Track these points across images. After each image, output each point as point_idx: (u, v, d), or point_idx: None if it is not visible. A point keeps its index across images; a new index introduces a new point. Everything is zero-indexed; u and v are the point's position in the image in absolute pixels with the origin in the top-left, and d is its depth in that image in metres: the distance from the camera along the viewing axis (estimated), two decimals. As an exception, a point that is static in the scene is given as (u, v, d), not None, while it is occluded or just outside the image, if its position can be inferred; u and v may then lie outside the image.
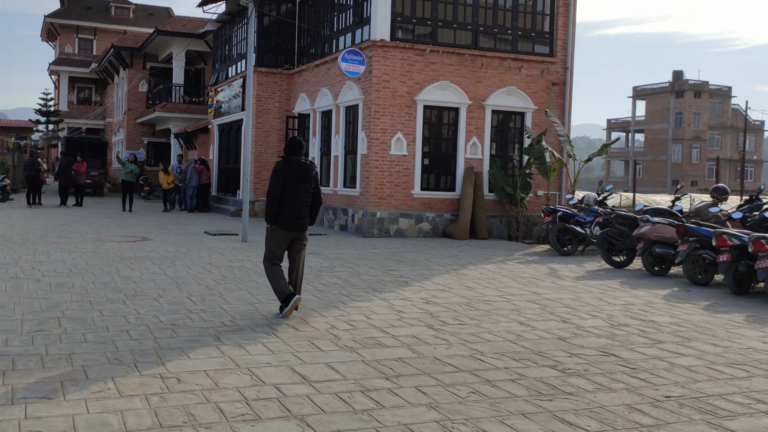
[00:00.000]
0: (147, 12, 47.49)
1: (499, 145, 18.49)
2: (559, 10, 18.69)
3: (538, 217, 18.46)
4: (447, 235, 17.51)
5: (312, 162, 7.89)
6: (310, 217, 7.66)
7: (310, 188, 7.56)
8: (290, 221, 7.45)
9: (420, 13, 17.35)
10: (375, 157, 16.90)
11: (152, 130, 34.52)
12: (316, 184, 7.67)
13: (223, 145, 25.11)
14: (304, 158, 7.58)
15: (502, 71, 18.13)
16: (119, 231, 16.42)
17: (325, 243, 15.30)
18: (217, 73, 26.00)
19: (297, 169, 7.41)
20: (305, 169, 7.48)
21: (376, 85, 16.82)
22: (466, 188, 17.50)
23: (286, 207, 7.39)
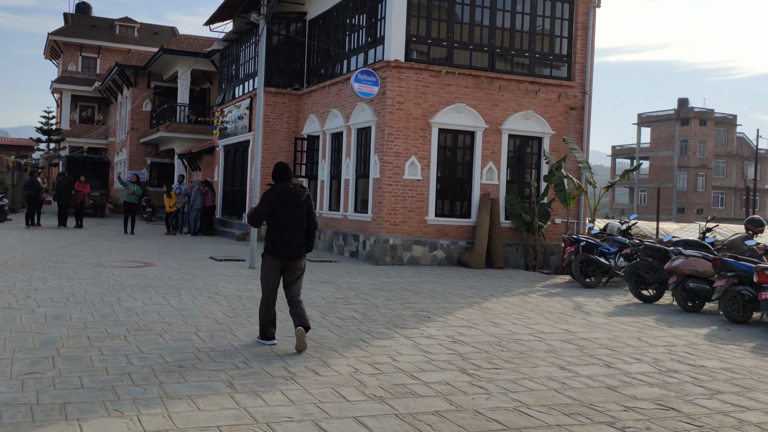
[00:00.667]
0: (152, 31, 47.18)
1: (516, 171, 17.86)
2: (578, 33, 18.17)
3: (556, 246, 17.78)
4: (462, 263, 16.80)
5: (302, 186, 7.48)
6: (306, 244, 7.41)
7: (302, 214, 7.32)
8: (282, 250, 7.24)
9: (435, 34, 16.82)
10: (388, 182, 16.26)
11: (155, 150, 33.95)
12: (309, 209, 7.40)
13: (228, 166, 24.49)
14: (292, 184, 7.35)
15: (519, 95, 17.56)
16: (121, 255, 15.72)
17: (336, 271, 14.59)
18: (223, 93, 25.47)
19: (284, 196, 7.20)
20: (294, 195, 7.25)
21: (389, 106, 16.23)
22: (482, 215, 16.83)
23: (277, 235, 7.21)
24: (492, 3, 17.29)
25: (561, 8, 18.13)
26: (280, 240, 7.21)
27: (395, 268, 15.57)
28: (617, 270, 14.10)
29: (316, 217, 7.56)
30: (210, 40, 30.52)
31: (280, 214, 7.18)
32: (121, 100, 37.36)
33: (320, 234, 19.45)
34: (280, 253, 7.23)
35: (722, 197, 76.99)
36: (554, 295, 12.59)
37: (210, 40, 30.52)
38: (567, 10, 18.17)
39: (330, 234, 18.85)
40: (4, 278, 11.37)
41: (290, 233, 7.23)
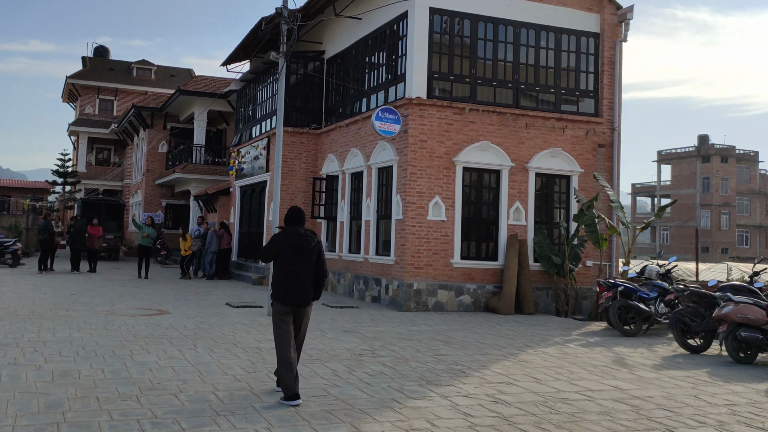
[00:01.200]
0: (169, 73, 47.37)
1: (543, 211, 17.17)
2: (604, 68, 17.64)
3: (588, 290, 17.00)
4: (490, 309, 16.03)
5: (313, 232, 7.32)
6: (314, 291, 7.18)
7: (312, 260, 7.11)
8: (289, 296, 7.03)
9: (458, 70, 16.34)
10: (411, 223, 15.62)
11: (171, 191, 33.61)
12: (319, 256, 7.19)
13: (244, 207, 23.99)
14: (303, 229, 7.22)
15: (545, 132, 16.97)
16: (134, 302, 15.10)
17: (359, 318, 13.88)
18: (240, 133, 25.12)
19: (295, 240, 7.07)
20: (304, 240, 7.09)
21: (412, 145, 15.68)
22: (510, 258, 16.11)
23: (284, 280, 7.03)
24: (515, 38, 16.84)
25: (586, 43, 17.64)
26: (287, 285, 7.01)
27: (420, 315, 14.83)
28: (658, 317, 13.30)
29: (326, 265, 7.30)
30: (226, 80, 30.36)
31: (288, 259, 7.01)
32: (137, 142, 37.23)
33: (339, 278, 18.78)
34: (288, 298, 7.02)
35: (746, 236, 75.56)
36: (593, 345, 11.79)
37: (226, 80, 30.36)
38: (592, 45, 17.68)
39: (350, 278, 18.17)
40: (12, 329, 10.76)
41: (298, 278, 7.02)
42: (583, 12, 17.58)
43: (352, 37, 19.14)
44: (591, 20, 17.66)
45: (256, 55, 22.22)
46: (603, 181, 16.73)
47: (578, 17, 17.51)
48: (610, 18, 17.67)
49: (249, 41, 21.74)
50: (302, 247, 7.04)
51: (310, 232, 7.21)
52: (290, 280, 7.00)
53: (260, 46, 20.52)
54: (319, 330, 11.92)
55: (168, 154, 33.23)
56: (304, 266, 7.03)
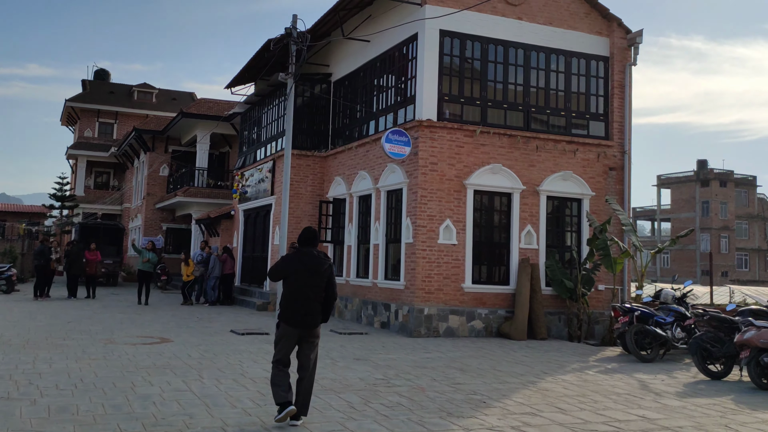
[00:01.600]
0: (170, 96, 47.18)
1: (555, 234, 16.82)
2: (614, 91, 17.40)
3: (600, 315, 16.60)
4: (502, 334, 15.60)
5: (325, 255, 7.26)
6: (322, 313, 7.10)
7: (322, 283, 7.04)
8: (298, 317, 6.95)
9: (468, 93, 16.08)
10: (422, 247, 15.24)
11: (172, 215, 33.21)
12: (329, 279, 7.11)
13: (248, 231, 23.59)
14: (316, 251, 7.15)
15: (556, 154, 16.68)
16: (135, 330, 14.64)
17: (369, 345, 13.43)
18: (243, 156, 24.81)
19: (307, 262, 7.00)
20: (316, 262, 7.02)
21: (422, 167, 15.36)
22: (522, 282, 15.72)
23: (293, 302, 6.96)
24: (525, 61, 16.61)
25: (596, 67, 17.42)
26: (295, 307, 6.94)
27: (432, 341, 14.39)
28: (675, 342, 12.90)
29: (336, 288, 7.22)
30: (229, 103, 30.15)
31: (299, 280, 6.94)
32: (138, 166, 36.90)
33: (347, 303, 18.35)
34: (296, 319, 6.94)
35: (746, 259, 75.26)
36: (612, 372, 11.35)
37: (229, 103, 30.15)
38: (602, 68, 17.46)
39: (358, 303, 17.73)
40: (5, 359, 10.30)
41: (307, 301, 6.95)
42: (593, 36, 17.38)
43: (359, 59, 18.91)
44: (601, 44, 17.46)
45: (261, 78, 22.01)
46: (615, 204, 16.40)
47: (588, 41, 17.31)
48: (619, 42, 17.48)
49: (254, 63, 21.53)
50: (314, 269, 6.96)
51: (323, 255, 7.13)
52: (299, 301, 6.91)
53: (266, 69, 20.32)
54: (329, 358, 11.48)
55: (169, 177, 32.88)
56: (314, 288, 6.95)
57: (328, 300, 7.09)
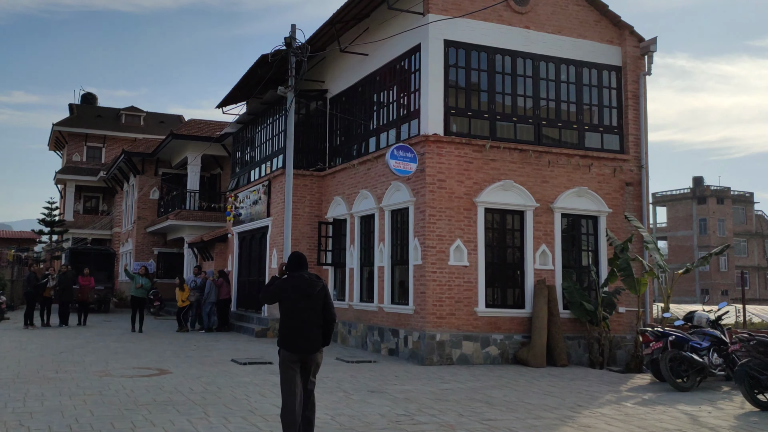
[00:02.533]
0: (158, 119, 46.34)
1: (570, 254, 16.04)
2: (628, 102, 16.75)
3: (621, 339, 15.78)
4: (519, 361, 14.74)
5: (318, 276, 7.10)
6: (323, 337, 6.92)
7: (318, 306, 6.89)
8: (297, 343, 6.79)
9: (475, 106, 15.37)
10: (432, 269, 14.41)
11: (163, 239, 32.20)
12: (325, 300, 6.95)
13: (243, 255, 22.69)
14: (307, 273, 7.00)
15: (570, 170, 15.96)
16: (130, 360, 13.68)
17: (381, 374, 12.54)
18: (237, 177, 23.94)
19: (299, 286, 6.86)
20: (308, 285, 6.88)
21: (430, 185, 14.58)
22: (539, 305, 14.90)
23: (291, 328, 6.81)
24: (535, 72, 15.95)
25: (609, 77, 16.79)
26: (294, 332, 6.80)
27: (446, 369, 13.51)
28: (712, 368, 12.09)
29: (333, 310, 7.05)
30: (220, 124, 29.34)
31: (294, 306, 6.81)
32: (127, 189, 35.91)
33: (350, 329, 17.45)
34: (297, 345, 6.78)
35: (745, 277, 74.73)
36: (652, 404, 10.51)
37: (220, 124, 29.34)
38: (614, 78, 16.83)
39: (363, 328, 16.84)
40: (-9, 399, 9.36)
41: (305, 325, 6.80)
42: (604, 45, 16.77)
43: (357, 73, 18.20)
44: (613, 53, 16.85)
45: (254, 96, 21.26)
46: (636, 221, 15.71)
47: (599, 50, 16.69)
48: (632, 51, 16.87)
49: (247, 81, 20.79)
50: (308, 293, 6.83)
51: (315, 277, 7.01)
52: (297, 327, 6.79)
53: (261, 85, 19.58)
54: (341, 390, 10.60)
55: (160, 200, 31.92)
56: (310, 312, 6.82)
57: (327, 323, 6.92)
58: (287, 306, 6.85)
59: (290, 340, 6.79)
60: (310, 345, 6.80)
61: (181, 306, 20.98)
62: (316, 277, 7.03)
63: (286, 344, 6.80)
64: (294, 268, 7.00)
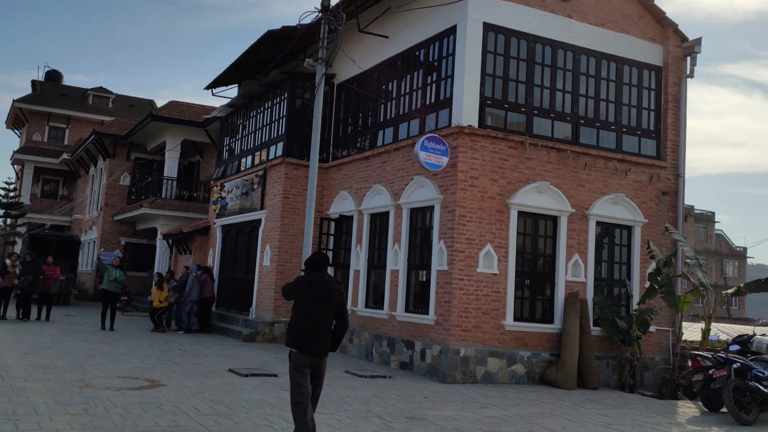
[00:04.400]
0: (128, 103, 43.82)
1: (603, 266, 14.65)
2: (668, 105, 15.48)
3: (650, 360, 14.46)
4: (546, 381, 13.26)
5: (337, 281, 7.06)
6: (332, 342, 6.79)
7: (332, 310, 6.76)
8: (308, 344, 6.64)
9: (513, 98, 13.87)
10: (459, 275, 12.83)
11: (132, 229, 29.84)
12: (341, 306, 6.81)
13: (227, 249, 20.77)
14: (327, 275, 6.83)
15: (607, 174, 14.58)
16: (111, 365, 11.74)
17: (406, 394, 10.89)
18: (224, 165, 21.98)
19: (317, 287, 6.71)
20: (328, 288, 6.73)
21: (461, 182, 13.01)
22: (571, 320, 13.46)
23: (303, 328, 6.67)
24: (575, 66, 14.55)
25: (648, 77, 15.49)
26: (307, 333, 6.65)
27: (473, 390, 11.93)
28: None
29: (348, 317, 6.93)
30: (204, 108, 27.30)
31: (309, 307, 6.67)
32: (94, 173, 33.43)
33: (352, 336, 15.76)
34: (309, 347, 6.61)
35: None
36: (734, 442, 9.11)
37: (204, 108, 27.30)
38: (654, 79, 15.53)
39: (368, 338, 15.15)
40: (-49, 415, 7.43)
41: (317, 327, 6.66)
42: (646, 42, 15.45)
43: (374, 57, 16.54)
44: (654, 52, 15.55)
45: (253, 77, 19.46)
46: (677, 234, 14.45)
47: (641, 47, 15.37)
48: (674, 50, 15.61)
49: (245, 61, 18.97)
50: (324, 295, 6.66)
51: (334, 280, 6.86)
52: (309, 328, 6.64)
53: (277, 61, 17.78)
54: (374, 416, 8.94)
55: (131, 187, 29.59)
56: (324, 315, 6.67)
57: (339, 329, 6.79)
58: (301, 306, 6.66)
59: (303, 341, 6.59)
60: (321, 348, 6.63)
61: (157, 306, 18.93)
62: (335, 280, 6.83)
63: (297, 344, 6.60)
64: (314, 268, 6.77)
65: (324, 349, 6.67)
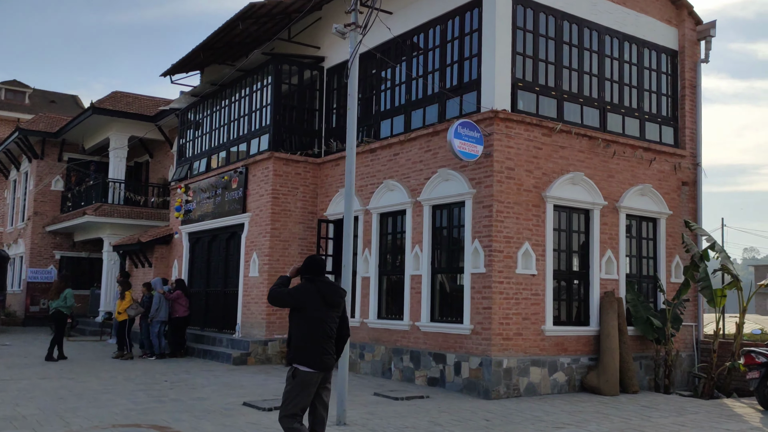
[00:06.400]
0: (47, 99, 40.00)
1: (632, 261, 13.71)
2: (685, 92, 14.72)
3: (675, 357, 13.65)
4: (588, 388, 12.16)
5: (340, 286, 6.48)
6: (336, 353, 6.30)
7: (337, 317, 6.29)
8: (319, 358, 6.06)
9: (543, 80, 12.69)
10: (498, 278, 11.52)
11: (69, 240, 26.76)
12: (344, 313, 6.42)
13: (197, 260, 18.62)
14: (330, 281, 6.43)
15: (634, 163, 13.65)
16: (94, 410, 9.51)
17: (460, 417, 9.48)
18: (187, 163, 19.74)
19: (326, 293, 6.19)
20: (336, 293, 6.28)
21: (497, 173, 11.71)
22: (609, 321, 12.42)
23: (312, 340, 6.09)
24: (600, 47, 13.54)
25: (665, 61, 14.68)
26: (315, 346, 6.10)
27: (523, 404, 10.63)
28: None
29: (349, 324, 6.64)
30: (154, 99, 24.84)
31: (318, 315, 6.15)
32: (16, 178, 30.07)
33: (363, 352, 14.15)
34: (319, 361, 6.07)
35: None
36: None
37: (154, 99, 24.84)
38: (670, 63, 14.74)
39: (384, 352, 13.58)
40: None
41: (327, 337, 6.17)
42: (662, 24, 14.65)
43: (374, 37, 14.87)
44: (669, 35, 14.77)
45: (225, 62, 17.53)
46: (701, 229, 13.76)
47: (658, 29, 14.56)
48: (690, 34, 14.90)
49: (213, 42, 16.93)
50: (333, 302, 6.27)
51: (338, 285, 6.55)
52: (318, 340, 6.15)
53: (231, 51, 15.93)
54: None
55: (67, 192, 26.53)
56: (331, 325, 6.25)
57: (343, 338, 6.45)
58: (310, 315, 6.13)
59: (312, 355, 6.05)
60: (331, 360, 6.18)
61: (120, 319, 16.63)
62: (339, 286, 6.47)
63: (307, 360, 6.04)
64: (317, 273, 6.32)
65: (333, 361, 6.21)
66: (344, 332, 6.45)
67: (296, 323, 6.18)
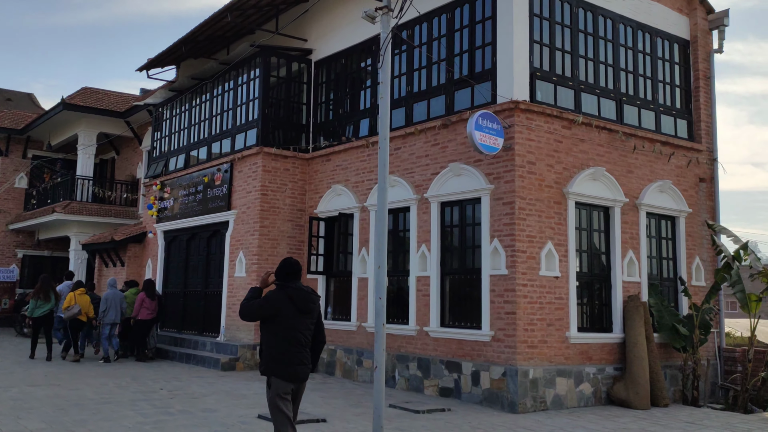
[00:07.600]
0: (4, 96, 38.02)
1: (653, 262, 12.97)
2: (699, 84, 14.07)
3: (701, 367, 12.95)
4: (615, 400, 11.34)
5: (314, 291, 6.13)
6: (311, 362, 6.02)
7: (311, 324, 6.00)
8: (294, 369, 5.82)
9: (560, 70, 11.86)
10: (522, 280, 10.64)
11: (31, 239, 25.21)
12: (318, 319, 6.13)
13: (173, 260, 17.40)
14: (304, 286, 6.05)
15: (652, 158, 12.92)
16: (106, 423, 8.47)
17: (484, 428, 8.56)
18: (163, 160, 18.48)
19: (298, 300, 5.89)
20: (307, 299, 5.95)
21: (519, 168, 10.83)
22: (636, 328, 11.63)
23: (286, 350, 5.82)
24: (614, 36, 12.78)
25: (678, 51, 14.01)
26: (290, 355, 5.82)
27: (555, 419, 9.77)
28: None
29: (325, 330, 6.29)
30: (123, 96, 23.44)
31: (290, 324, 5.84)
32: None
33: (360, 358, 13.16)
34: (293, 372, 5.80)
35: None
36: None
37: (123, 96, 23.44)
38: (682, 53, 14.08)
39: (387, 359, 12.59)
40: None
41: (300, 347, 5.87)
42: (674, 13, 13.99)
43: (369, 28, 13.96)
44: (681, 24, 14.11)
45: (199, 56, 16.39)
46: (725, 228, 13.10)
47: (670, 18, 13.89)
48: (701, 23, 14.26)
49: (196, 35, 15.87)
50: (306, 309, 5.91)
51: (311, 290, 6.10)
52: (293, 350, 5.83)
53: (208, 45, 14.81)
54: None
55: (32, 190, 24.96)
56: (307, 332, 5.93)
57: (319, 344, 6.15)
58: (283, 323, 5.83)
59: (287, 365, 5.80)
60: (306, 370, 5.93)
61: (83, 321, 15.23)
62: (312, 290, 6.13)
63: (281, 371, 5.79)
64: (288, 278, 5.97)
65: (308, 371, 5.96)
66: (320, 338, 6.18)
67: (268, 333, 5.89)
